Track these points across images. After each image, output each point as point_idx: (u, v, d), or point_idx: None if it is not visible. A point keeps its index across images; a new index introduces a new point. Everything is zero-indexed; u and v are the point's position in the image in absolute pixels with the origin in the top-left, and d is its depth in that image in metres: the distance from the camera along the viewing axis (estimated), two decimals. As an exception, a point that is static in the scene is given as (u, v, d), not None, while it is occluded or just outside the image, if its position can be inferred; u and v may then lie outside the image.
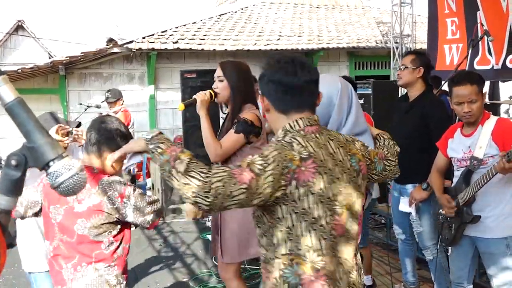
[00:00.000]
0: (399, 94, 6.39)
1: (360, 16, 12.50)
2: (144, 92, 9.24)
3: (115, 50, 8.59)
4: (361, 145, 1.78)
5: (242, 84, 2.94)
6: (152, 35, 8.87)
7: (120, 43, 8.48)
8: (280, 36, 10.00)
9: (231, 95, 2.94)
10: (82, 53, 8.26)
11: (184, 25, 9.79)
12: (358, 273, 1.66)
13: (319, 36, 10.34)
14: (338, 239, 1.57)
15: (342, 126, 2.05)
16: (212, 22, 10.38)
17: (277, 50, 9.41)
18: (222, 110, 3.13)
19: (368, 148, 1.84)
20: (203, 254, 5.23)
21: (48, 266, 2.30)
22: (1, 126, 7.89)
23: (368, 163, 1.78)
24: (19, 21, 23.09)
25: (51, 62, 8.25)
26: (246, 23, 10.72)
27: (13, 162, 0.86)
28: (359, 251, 1.73)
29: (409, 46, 8.65)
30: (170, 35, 9.06)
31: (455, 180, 2.95)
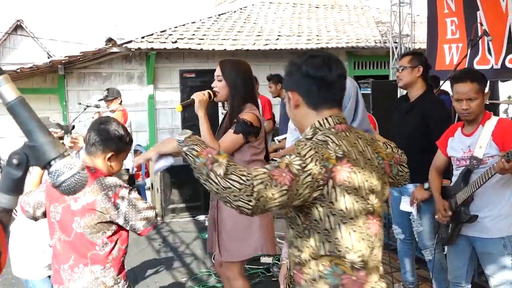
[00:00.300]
0: (398, 94, 6.40)
1: (359, 16, 12.51)
2: (143, 92, 9.24)
3: (114, 49, 8.59)
4: (382, 143, 1.78)
5: (241, 84, 2.93)
6: (151, 34, 8.87)
7: (119, 42, 8.48)
8: (279, 36, 10.01)
9: (230, 95, 2.93)
10: (81, 52, 8.26)
11: (183, 25, 9.79)
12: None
13: (318, 36, 10.35)
14: (373, 238, 1.56)
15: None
16: (211, 22, 10.38)
17: (276, 50, 9.42)
18: (224, 107, 3.12)
19: (387, 150, 1.82)
20: (202, 254, 5.23)
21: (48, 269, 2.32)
22: (0, 126, 7.89)
23: (390, 163, 1.77)
24: (18, 20, 23.05)
25: (50, 62, 8.24)
26: (245, 22, 10.72)
27: (14, 161, 0.87)
28: None
29: (408, 46, 8.66)
30: (169, 35, 9.06)
31: (454, 179, 2.96)
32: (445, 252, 3.34)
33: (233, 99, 2.92)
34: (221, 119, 3.22)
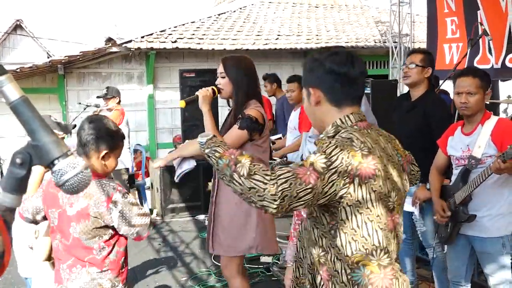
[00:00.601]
0: (398, 94, 6.40)
1: (358, 16, 12.51)
2: (143, 92, 9.24)
3: (114, 49, 8.58)
4: (398, 141, 1.77)
5: (244, 80, 2.92)
6: (151, 34, 8.86)
7: (118, 42, 8.47)
8: (279, 35, 10.00)
9: (233, 91, 2.92)
10: (80, 52, 8.25)
11: (183, 24, 9.79)
12: None
13: (317, 35, 10.34)
14: (392, 234, 1.57)
15: None
16: (211, 22, 10.37)
17: (275, 49, 9.42)
18: (229, 105, 3.12)
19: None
20: (202, 253, 5.24)
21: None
22: (0, 126, 7.89)
23: (406, 160, 1.77)
24: (18, 20, 23.01)
25: (49, 62, 8.23)
26: (244, 22, 10.71)
27: (18, 161, 0.87)
28: None
29: (407, 46, 8.65)
30: (169, 35, 9.06)
31: (454, 178, 2.96)
32: (444, 251, 3.34)
33: (236, 95, 2.91)
34: (220, 116, 3.22)
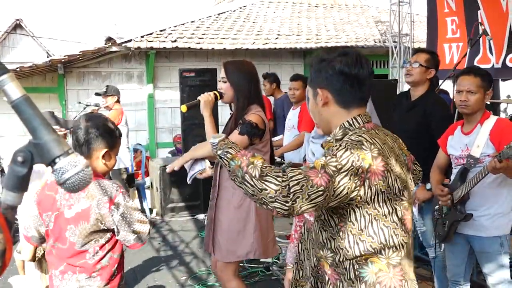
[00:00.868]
0: (397, 93, 6.39)
1: (358, 15, 12.51)
2: (142, 91, 9.24)
3: (114, 49, 8.59)
4: (402, 141, 1.78)
5: (245, 85, 2.92)
6: (151, 34, 8.87)
7: (118, 42, 8.48)
8: (279, 35, 10.01)
9: (234, 96, 2.93)
10: (80, 51, 8.26)
11: (183, 24, 9.79)
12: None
13: (317, 35, 10.35)
14: (407, 234, 1.56)
15: None
16: (211, 21, 10.38)
17: (275, 49, 9.42)
18: (231, 109, 3.12)
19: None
20: (202, 253, 5.24)
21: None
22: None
23: (410, 160, 1.77)
24: (17, 19, 23.01)
25: (49, 61, 8.24)
26: (244, 22, 10.72)
27: (19, 159, 0.87)
28: None
29: (407, 45, 8.67)
30: (169, 34, 9.06)
31: (452, 177, 2.97)
32: (441, 250, 3.35)
33: (237, 100, 2.92)
34: (220, 117, 3.23)
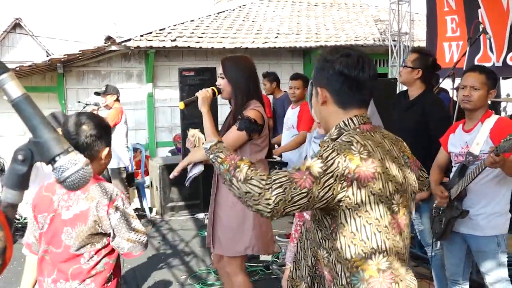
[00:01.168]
0: (397, 92, 6.40)
1: (358, 14, 12.51)
2: (142, 90, 9.24)
3: (113, 48, 8.58)
4: (405, 144, 1.76)
5: (243, 80, 2.92)
6: (150, 33, 8.86)
7: (118, 41, 8.47)
8: (278, 34, 10.01)
9: (232, 92, 2.93)
10: (80, 51, 8.26)
11: (182, 23, 9.78)
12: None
13: (317, 34, 10.35)
14: (398, 237, 1.55)
15: None
16: (210, 20, 10.37)
17: (275, 48, 9.42)
18: (230, 105, 3.13)
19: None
20: (202, 252, 5.25)
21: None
22: (-1, 124, 7.89)
23: (415, 165, 1.76)
24: (17, 19, 22.98)
25: (49, 60, 8.24)
26: (244, 21, 10.72)
27: (19, 157, 0.88)
28: None
29: (407, 44, 8.67)
30: (168, 33, 9.06)
31: (452, 175, 2.98)
32: (438, 247, 3.36)
33: (236, 96, 2.93)
34: (219, 114, 3.24)
